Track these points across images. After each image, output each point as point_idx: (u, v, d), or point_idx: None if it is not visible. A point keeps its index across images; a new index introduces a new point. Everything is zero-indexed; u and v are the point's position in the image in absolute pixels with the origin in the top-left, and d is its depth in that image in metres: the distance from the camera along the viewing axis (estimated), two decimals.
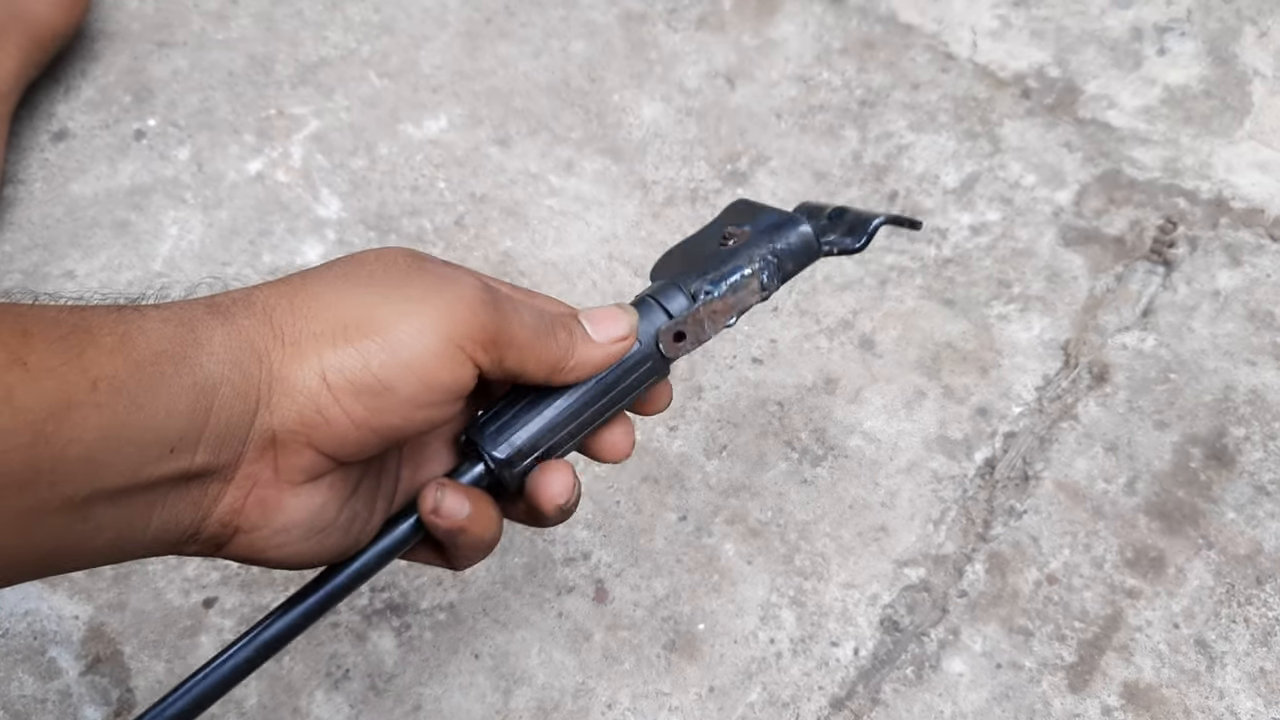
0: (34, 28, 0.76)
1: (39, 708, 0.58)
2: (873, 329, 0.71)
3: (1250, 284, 0.72)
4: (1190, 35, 0.84)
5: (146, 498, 0.32)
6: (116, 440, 0.31)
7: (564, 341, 0.39)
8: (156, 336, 0.32)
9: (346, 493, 0.37)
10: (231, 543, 0.35)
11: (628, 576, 0.62)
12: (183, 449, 0.32)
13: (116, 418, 0.30)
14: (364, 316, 0.35)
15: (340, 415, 0.34)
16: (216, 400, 0.33)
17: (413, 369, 0.34)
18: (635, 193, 0.77)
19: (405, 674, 0.59)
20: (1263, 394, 0.68)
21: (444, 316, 0.35)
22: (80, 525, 0.31)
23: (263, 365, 0.33)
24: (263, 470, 0.34)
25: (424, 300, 0.35)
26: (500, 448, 0.40)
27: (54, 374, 0.30)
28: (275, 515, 0.35)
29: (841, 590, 0.62)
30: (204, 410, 0.32)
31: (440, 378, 0.35)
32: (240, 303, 0.35)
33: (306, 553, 0.37)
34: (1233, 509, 0.64)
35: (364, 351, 0.34)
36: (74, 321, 0.31)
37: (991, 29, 0.85)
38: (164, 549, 0.34)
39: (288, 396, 0.34)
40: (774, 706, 0.58)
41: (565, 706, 0.58)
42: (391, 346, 0.34)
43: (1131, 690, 0.59)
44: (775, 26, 0.85)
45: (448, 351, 0.35)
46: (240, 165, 0.78)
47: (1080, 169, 0.77)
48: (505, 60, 0.83)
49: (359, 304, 0.35)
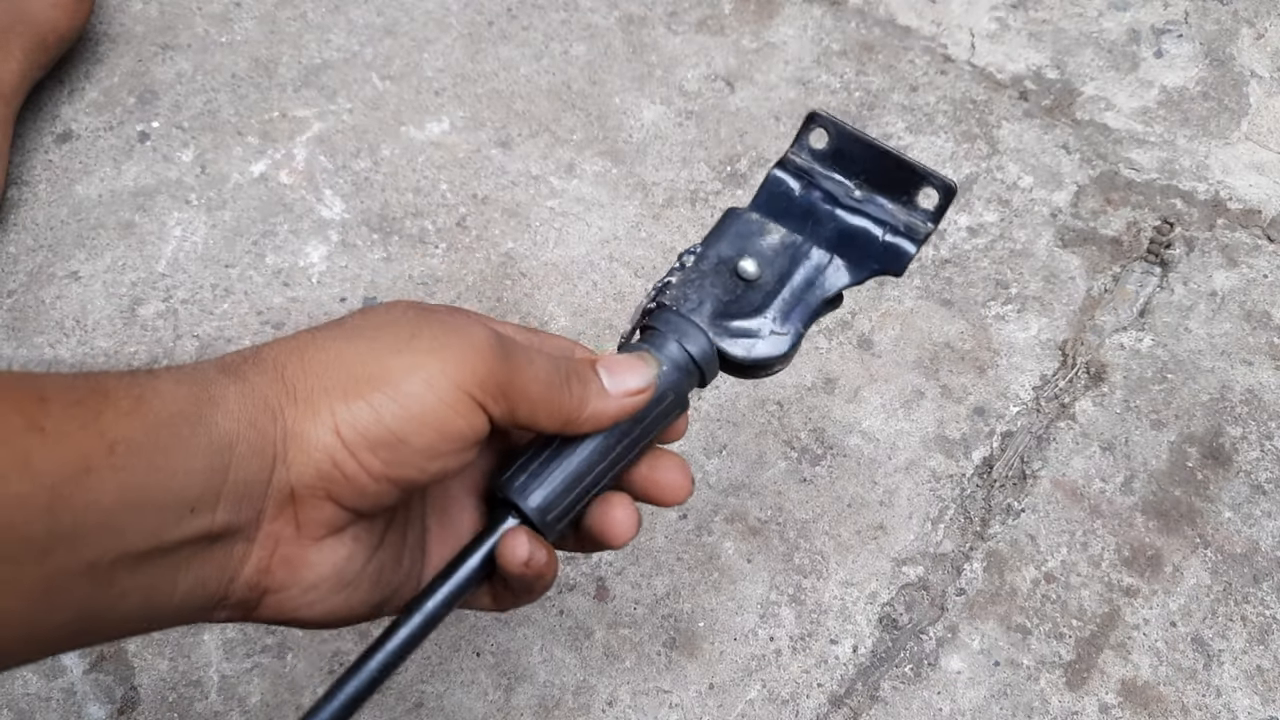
0: (38, 30, 0.77)
1: (43, 706, 0.59)
2: (871, 329, 0.71)
3: (1246, 284, 0.73)
4: (1187, 37, 0.84)
5: (170, 560, 0.32)
6: (136, 502, 0.31)
7: (577, 394, 0.39)
8: (171, 398, 0.32)
9: (372, 544, 0.37)
10: (261, 605, 0.35)
11: (628, 574, 0.63)
12: (202, 508, 0.32)
13: (135, 479, 0.31)
14: (374, 369, 0.35)
15: (356, 468, 0.34)
16: (233, 458, 0.33)
17: (425, 420, 0.34)
18: (636, 194, 0.77)
19: (407, 671, 0.60)
20: (1259, 394, 0.68)
21: (454, 366, 0.35)
22: (105, 592, 0.31)
23: (277, 422, 0.34)
24: (284, 527, 0.34)
25: (433, 351, 0.35)
26: (531, 499, 0.40)
27: (71, 438, 0.30)
28: (302, 572, 0.35)
29: (840, 588, 0.62)
30: (221, 469, 0.32)
31: (453, 427, 0.35)
32: (251, 361, 0.35)
33: (338, 608, 0.37)
34: (1229, 508, 0.64)
35: (375, 404, 0.34)
36: (89, 386, 0.31)
37: (989, 31, 0.85)
38: (192, 615, 0.34)
39: (303, 452, 0.34)
40: (773, 704, 0.59)
41: (566, 704, 0.59)
42: (402, 398, 0.34)
43: (1129, 688, 0.59)
44: (774, 30, 0.85)
45: (460, 401, 0.35)
46: (244, 167, 0.79)
47: (1078, 170, 0.78)
48: (507, 63, 0.84)
49: (369, 357, 0.35)
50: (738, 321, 0.45)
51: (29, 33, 0.77)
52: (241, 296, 0.73)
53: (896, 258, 0.47)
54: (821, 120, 0.46)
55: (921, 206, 0.47)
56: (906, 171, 0.46)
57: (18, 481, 0.28)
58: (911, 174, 0.46)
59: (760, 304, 0.46)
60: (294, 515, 0.34)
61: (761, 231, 0.47)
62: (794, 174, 0.48)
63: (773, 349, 0.46)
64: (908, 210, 0.47)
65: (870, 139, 0.46)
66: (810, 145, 0.47)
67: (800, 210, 0.48)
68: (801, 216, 0.48)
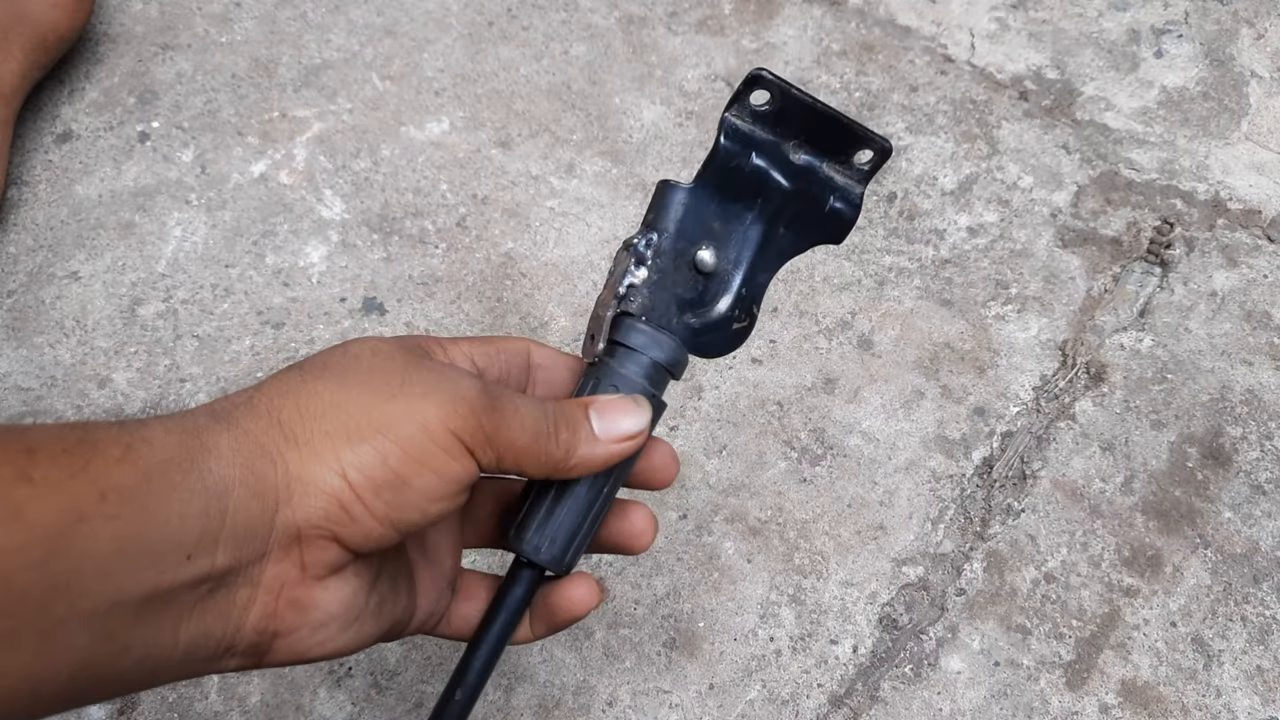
0: (38, 30, 0.77)
1: None
2: (871, 329, 0.71)
3: (1247, 284, 0.73)
4: (1187, 37, 0.84)
5: (171, 609, 0.32)
6: (132, 549, 0.31)
7: (564, 442, 0.39)
8: (161, 445, 0.32)
9: (370, 579, 0.38)
10: (272, 649, 0.36)
11: (628, 575, 0.63)
12: (200, 553, 0.32)
13: (129, 527, 0.31)
14: (374, 415, 0.35)
15: (362, 511, 0.35)
16: (230, 502, 0.33)
17: (424, 463, 0.35)
18: (635, 194, 0.77)
19: (408, 671, 0.60)
20: (1259, 394, 0.68)
21: (447, 412, 0.36)
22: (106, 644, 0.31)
23: (277, 465, 0.34)
24: (290, 569, 0.35)
25: (426, 397, 0.36)
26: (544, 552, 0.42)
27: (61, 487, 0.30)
28: (310, 613, 0.36)
29: (840, 588, 0.62)
30: (219, 513, 0.33)
31: (449, 470, 0.36)
32: (243, 408, 0.35)
33: (349, 644, 0.38)
34: (1229, 508, 0.64)
35: (379, 448, 0.35)
36: (78, 436, 0.31)
37: (990, 31, 0.85)
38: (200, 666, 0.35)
39: (308, 495, 0.34)
40: (773, 704, 0.59)
41: (566, 704, 0.59)
42: (404, 442, 0.35)
43: (1129, 688, 0.59)
44: (775, 30, 0.86)
45: (454, 445, 0.36)
46: (244, 167, 0.79)
47: (1077, 170, 0.78)
48: (507, 63, 0.84)
49: (366, 403, 0.36)
50: (701, 318, 0.45)
51: (29, 33, 0.77)
52: (241, 296, 0.73)
53: (838, 227, 0.46)
54: (764, 81, 0.44)
55: (857, 168, 0.46)
56: (845, 132, 0.45)
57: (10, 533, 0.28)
58: (850, 134, 0.45)
59: (718, 293, 0.45)
60: (299, 556, 0.35)
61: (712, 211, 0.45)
62: (738, 140, 0.45)
63: (735, 341, 0.46)
64: (845, 172, 0.46)
65: (811, 98, 0.44)
66: (752, 106, 0.45)
67: (747, 182, 0.45)
68: (749, 189, 0.45)
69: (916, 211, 0.76)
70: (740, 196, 0.45)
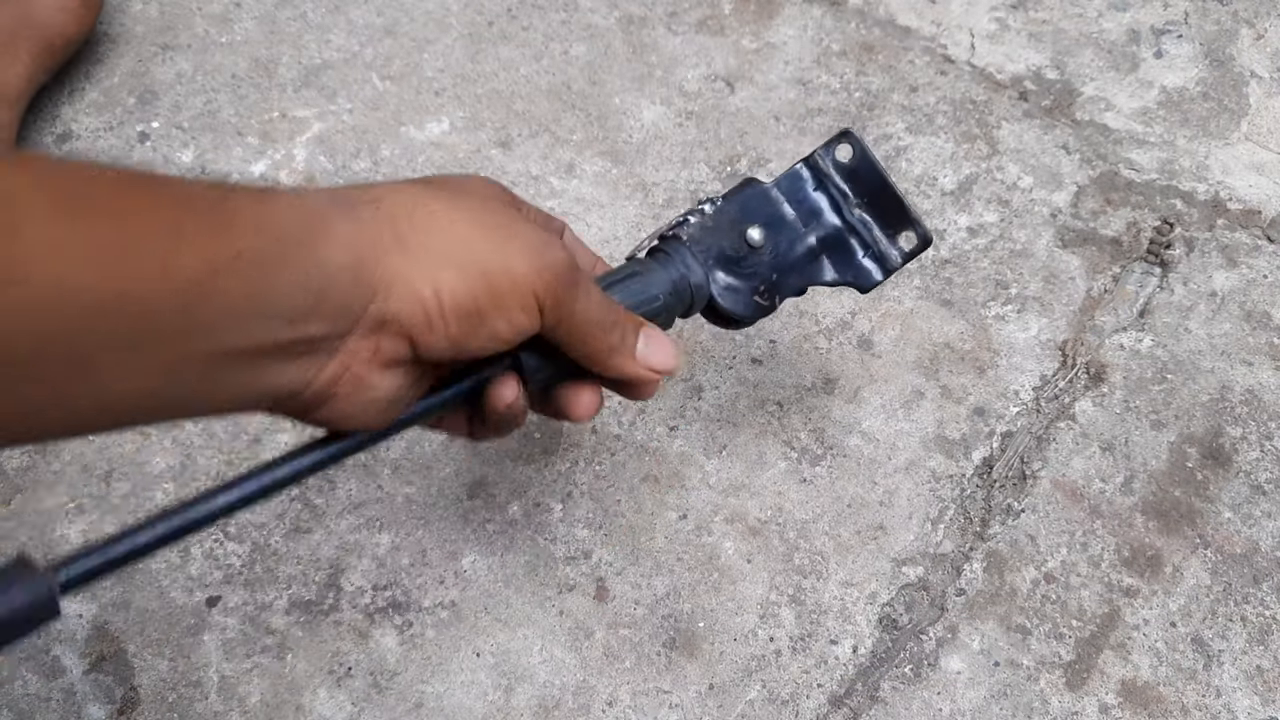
0: (45, 34, 0.77)
1: (43, 706, 0.59)
2: (871, 329, 0.71)
3: (1246, 285, 0.73)
4: (1187, 38, 0.85)
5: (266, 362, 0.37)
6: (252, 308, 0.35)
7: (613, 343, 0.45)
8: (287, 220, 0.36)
9: (416, 378, 0.43)
10: (323, 408, 0.40)
11: (628, 575, 0.63)
12: (303, 320, 0.37)
13: (253, 287, 0.35)
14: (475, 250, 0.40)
15: (441, 326, 0.40)
16: (336, 282, 0.37)
17: (502, 309, 0.41)
18: (636, 195, 0.77)
19: (407, 671, 0.60)
20: (1259, 394, 0.68)
21: (537, 270, 0.41)
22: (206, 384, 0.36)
23: (381, 263, 0.38)
24: (364, 350, 0.39)
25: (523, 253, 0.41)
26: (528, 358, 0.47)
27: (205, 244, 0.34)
28: (364, 391, 0.40)
29: (840, 588, 0.62)
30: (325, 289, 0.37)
31: (518, 321, 0.41)
32: (366, 204, 0.39)
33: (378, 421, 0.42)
34: (1229, 508, 0.64)
35: (471, 282, 0.40)
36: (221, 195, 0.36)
37: (989, 32, 0.85)
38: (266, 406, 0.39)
39: (402, 297, 0.39)
40: (773, 704, 0.59)
41: (566, 704, 0.59)
42: (492, 285, 0.40)
43: (1129, 688, 0.59)
44: (774, 30, 0.86)
45: (530, 303, 0.41)
46: (244, 167, 0.79)
47: (1077, 171, 0.78)
48: (507, 63, 0.84)
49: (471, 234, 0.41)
50: (732, 277, 0.53)
51: (36, 37, 0.77)
52: None
53: (866, 279, 0.56)
54: (852, 139, 0.55)
55: (900, 245, 0.55)
56: (901, 211, 0.55)
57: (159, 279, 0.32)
58: (904, 215, 0.55)
59: (753, 270, 0.54)
60: (376, 342, 0.39)
61: (774, 208, 0.55)
62: (814, 173, 0.56)
63: (750, 311, 0.54)
64: (889, 241, 0.55)
65: (885, 171, 0.54)
66: (835, 155, 0.55)
67: (810, 205, 0.56)
68: (809, 211, 0.56)
69: None
70: (802, 211, 0.56)
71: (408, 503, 0.65)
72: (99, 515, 0.64)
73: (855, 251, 0.56)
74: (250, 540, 0.64)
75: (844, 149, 0.55)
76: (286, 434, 0.67)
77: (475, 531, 0.64)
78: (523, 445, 0.67)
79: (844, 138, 0.55)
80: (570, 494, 0.65)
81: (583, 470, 0.66)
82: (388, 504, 0.65)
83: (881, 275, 0.56)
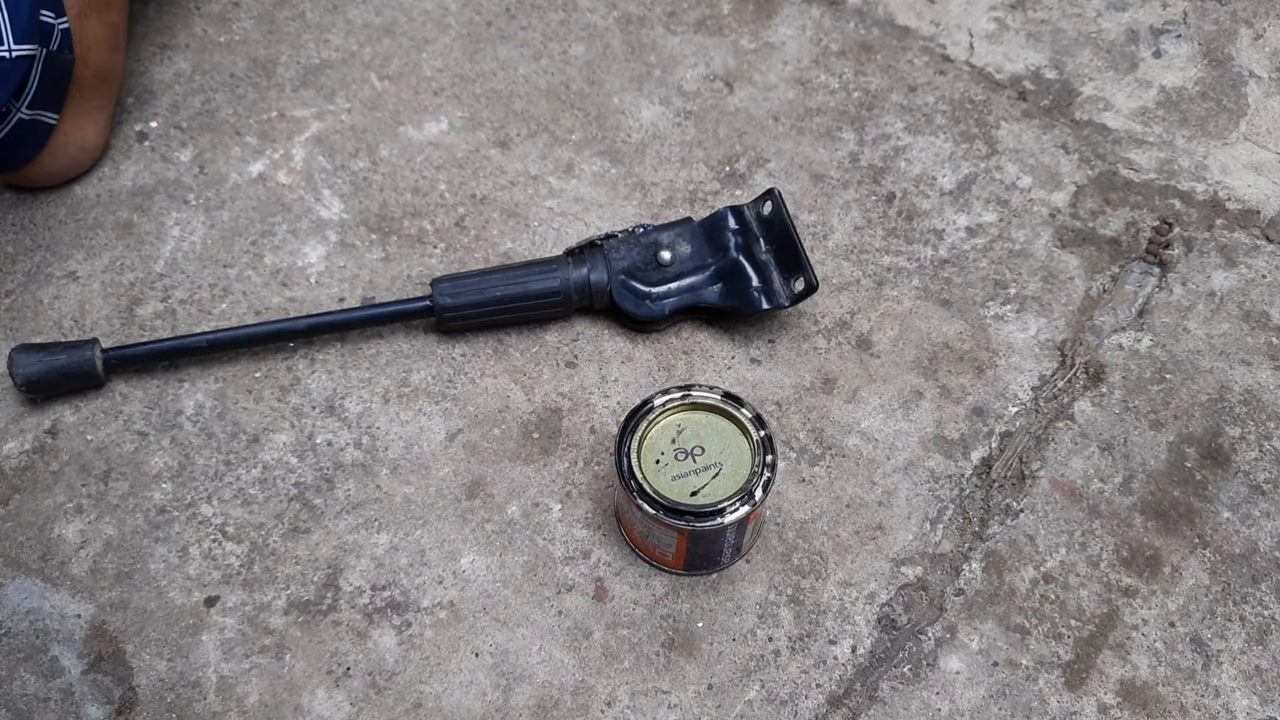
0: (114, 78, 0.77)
1: (41, 706, 0.59)
2: (870, 329, 0.71)
3: (1245, 284, 0.73)
4: (1186, 38, 0.85)
5: None
6: None
7: None
8: None
9: None
10: None
11: (627, 575, 0.63)
12: None
13: None
14: None
15: None
16: None
17: None
18: (634, 194, 0.77)
19: (406, 672, 0.60)
20: (1257, 394, 0.68)
21: None
22: None
23: None
24: None
25: None
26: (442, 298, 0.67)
27: None
28: None
29: (839, 588, 0.62)
30: None
31: None
32: None
33: None
34: (1228, 508, 0.64)
35: None
36: None
37: (988, 31, 0.85)
38: None
39: None
40: (772, 704, 0.59)
41: (565, 704, 0.59)
42: None
43: (1128, 688, 0.59)
44: (773, 30, 0.85)
45: None
46: (242, 167, 0.79)
47: (1076, 170, 0.78)
48: (505, 63, 0.84)
49: None
50: (636, 284, 0.69)
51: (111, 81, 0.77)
52: (240, 296, 0.73)
53: (751, 305, 0.68)
54: (774, 198, 0.68)
55: (792, 287, 0.67)
56: (797, 260, 0.67)
57: None
58: (798, 263, 0.66)
59: (656, 281, 0.69)
60: None
61: (690, 239, 0.70)
62: (738, 219, 0.69)
63: (641, 312, 0.69)
64: (785, 284, 0.67)
65: (791, 225, 0.67)
66: (760, 209, 0.69)
67: (721, 242, 0.69)
68: (721, 245, 0.69)
69: (915, 212, 0.76)
70: (714, 245, 0.70)
71: (406, 503, 0.65)
72: (97, 515, 0.64)
73: (749, 282, 0.68)
74: (249, 540, 0.64)
75: (768, 205, 0.68)
76: (286, 434, 0.67)
77: (474, 532, 0.64)
78: (522, 445, 0.67)
79: (769, 196, 0.68)
80: (569, 494, 0.65)
81: (582, 470, 0.66)
82: (386, 504, 0.65)
83: (766, 305, 0.67)
